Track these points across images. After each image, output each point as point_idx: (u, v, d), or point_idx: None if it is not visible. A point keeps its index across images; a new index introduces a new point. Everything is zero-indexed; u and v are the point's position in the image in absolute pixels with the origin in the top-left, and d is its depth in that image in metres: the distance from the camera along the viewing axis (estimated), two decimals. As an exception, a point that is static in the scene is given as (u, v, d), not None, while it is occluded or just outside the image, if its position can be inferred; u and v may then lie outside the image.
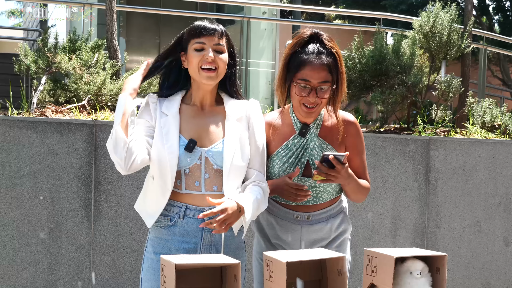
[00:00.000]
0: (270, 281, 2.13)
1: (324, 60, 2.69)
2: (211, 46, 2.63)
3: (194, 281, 2.23)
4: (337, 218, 2.93)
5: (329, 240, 2.92)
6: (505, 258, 5.26)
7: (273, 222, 2.91)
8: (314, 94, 2.69)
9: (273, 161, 2.83)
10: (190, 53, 2.64)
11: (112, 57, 5.57)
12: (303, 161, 2.80)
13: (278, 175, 2.81)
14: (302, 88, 2.70)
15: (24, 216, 4.15)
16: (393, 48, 5.57)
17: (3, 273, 4.13)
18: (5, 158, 4.12)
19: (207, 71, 2.62)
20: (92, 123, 4.28)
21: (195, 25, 2.66)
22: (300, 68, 2.69)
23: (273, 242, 2.92)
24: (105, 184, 4.27)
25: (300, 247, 2.87)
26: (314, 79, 2.68)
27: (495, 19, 18.80)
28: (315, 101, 2.70)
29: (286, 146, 2.82)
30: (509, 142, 5.28)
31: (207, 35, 2.62)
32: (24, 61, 5.29)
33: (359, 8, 15.23)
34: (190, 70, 2.67)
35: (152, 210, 2.67)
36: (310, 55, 2.70)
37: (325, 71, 2.68)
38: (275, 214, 2.90)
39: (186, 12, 9.12)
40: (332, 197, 2.90)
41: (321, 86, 2.69)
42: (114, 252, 4.30)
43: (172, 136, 2.61)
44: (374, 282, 2.17)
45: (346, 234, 2.97)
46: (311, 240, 2.90)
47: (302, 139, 2.81)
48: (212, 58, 2.61)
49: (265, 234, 2.95)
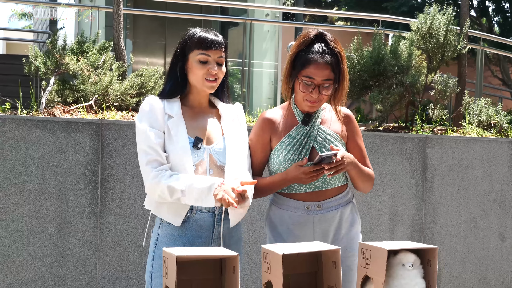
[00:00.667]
0: (268, 273, 2.18)
1: (328, 59, 2.83)
2: (215, 59, 2.75)
3: (194, 273, 2.28)
4: (347, 207, 2.99)
5: (342, 232, 2.96)
6: (501, 253, 5.35)
7: (285, 217, 2.96)
8: (317, 91, 2.83)
9: (278, 151, 2.93)
10: (194, 64, 2.75)
11: (118, 59, 5.65)
12: (307, 147, 2.90)
13: (284, 163, 2.89)
14: (306, 85, 2.84)
15: (32, 212, 4.22)
16: (391, 49, 5.67)
17: (13, 267, 4.20)
18: (15, 156, 4.19)
19: (210, 81, 2.76)
20: (98, 122, 4.36)
21: (202, 36, 2.75)
22: (305, 66, 2.84)
23: (285, 239, 2.94)
24: (111, 181, 4.37)
25: (314, 239, 2.91)
26: (318, 77, 2.82)
27: (495, 20, 18.78)
28: (317, 97, 2.85)
29: (289, 136, 2.93)
30: (504, 140, 5.37)
31: (214, 49, 2.74)
32: (33, 62, 5.36)
33: (361, 10, 15.28)
34: (192, 78, 2.78)
35: (179, 208, 2.72)
36: (315, 54, 2.84)
37: (328, 69, 2.83)
38: (285, 209, 2.96)
39: (191, 15, 9.25)
40: (340, 184, 2.96)
41: (324, 84, 2.83)
42: (120, 247, 4.38)
43: (182, 137, 2.72)
44: (368, 274, 2.20)
45: (356, 225, 3.02)
46: (323, 230, 2.93)
47: (305, 128, 2.93)
48: (216, 71, 2.75)
49: (278, 233, 2.99)
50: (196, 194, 2.61)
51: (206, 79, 2.75)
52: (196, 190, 2.60)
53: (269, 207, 3.07)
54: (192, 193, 2.61)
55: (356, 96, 5.77)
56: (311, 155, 2.91)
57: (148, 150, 2.68)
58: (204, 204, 2.62)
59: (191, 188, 2.60)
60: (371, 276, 2.19)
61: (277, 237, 2.98)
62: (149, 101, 2.78)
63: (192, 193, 2.61)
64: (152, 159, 2.68)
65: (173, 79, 2.82)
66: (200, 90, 2.81)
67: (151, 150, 2.68)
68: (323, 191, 2.94)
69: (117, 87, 5.25)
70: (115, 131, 4.37)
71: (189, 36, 2.79)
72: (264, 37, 11.11)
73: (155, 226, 2.82)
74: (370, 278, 2.20)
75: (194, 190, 2.60)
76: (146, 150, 2.69)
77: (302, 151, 2.90)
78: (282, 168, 2.92)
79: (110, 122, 4.41)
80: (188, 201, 2.63)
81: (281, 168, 2.92)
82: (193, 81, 2.80)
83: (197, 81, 2.78)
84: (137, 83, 5.39)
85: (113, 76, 5.27)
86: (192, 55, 2.76)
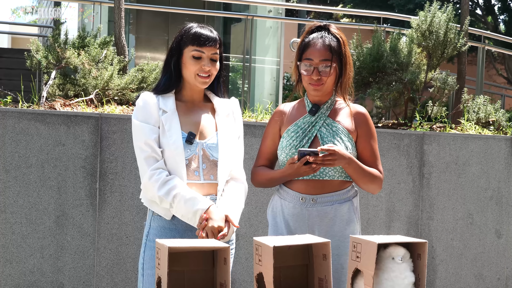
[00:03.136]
0: (259, 264, 2.20)
1: (327, 41, 2.92)
2: (208, 56, 2.79)
3: (187, 264, 2.32)
4: (344, 205, 2.96)
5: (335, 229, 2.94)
6: (497, 250, 5.37)
7: (282, 206, 2.98)
8: (316, 72, 2.90)
9: (284, 138, 2.98)
10: (188, 60, 2.79)
11: (119, 53, 5.69)
12: (310, 136, 2.94)
13: (286, 148, 2.94)
14: (307, 67, 2.92)
15: (32, 204, 4.26)
16: (391, 46, 5.70)
17: (12, 258, 4.24)
18: (15, 149, 4.23)
19: (202, 77, 2.80)
20: (98, 115, 4.39)
21: (197, 32, 2.79)
22: (305, 49, 2.94)
23: (282, 229, 2.97)
24: (110, 174, 4.40)
25: (307, 232, 2.91)
26: (316, 58, 2.90)
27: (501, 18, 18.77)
28: (318, 79, 2.90)
29: (296, 124, 2.98)
30: (501, 137, 5.38)
31: (208, 46, 2.78)
32: (35, 57, 5.40)
33: (367, 7, 15.27)
34: (185, 73, 2.83)
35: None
36: (314, 38, 2.94)
37: (326, 50, 2.90)
38: (284, 198, 2.99)
39: (194, 10, 9.27)
40: (341, 179, 2.94)
41: (323, 64, 2.89)
42: (118, 240, 4.41)
43: (175, 131, 2.76)
44: (358, 267, 2.22)
45: (353, 224, 2.98)
46: (316, 224, 2.92)
47: (311, 117, 2.97)
48: (209, 68, 2.79)
49: (276, 222, 3.02)
50: (181, 213, 2.70)
51: (199, 75, 2.79)
52: (183, 210, 2.68)
53: (273, 195, 3.11)
54: (179, 211, 2.69)
55: (356, 93, 5.79)
56: (312, 144, 2.93)
57: (143, 147, 2.74)
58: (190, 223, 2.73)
59: (178, 206, 2.67)
60: (361, 269, 2.21)
61: (275, 227, 3.02)
62: (143, 97, 2.82)
63: (179, 211, 2.69)
64: (148, 156, 2.73)
65: (168, 73, 2.86)
66: (193, 85, 2.84)
67: (147, 146, 2.73)
68: (320, 183, 2.93)
69: (117, 81, 5.29)
70: (114, 125, 4.41)
71: (185, 31, 2.83)
72: (266, 33, 11.14)
73: (147, 219, 2.86)
74: (360, 271, 2.23)
75: (181, 209, 2.68)
76: (142, 146, 2.74)
77: (304, 139, 2.93)
78: (283, 154, 2.96)
79: (109, 116, 4.44)
80: (175, 214, 2.73)
81: (283, 154, 2.96)
82: (186, 76, 2.84)
83: (190, 77, 2.82)
84: (138, 78, 5.43)
85: (113, 70, 5.30)
86: (187, 50, 2.80)
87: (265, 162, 3.09)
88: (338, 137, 2.92)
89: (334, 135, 2.92)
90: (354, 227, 2.99)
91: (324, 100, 3.01)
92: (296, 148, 2.92)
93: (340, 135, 2.93)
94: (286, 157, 2.95)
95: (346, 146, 2.91)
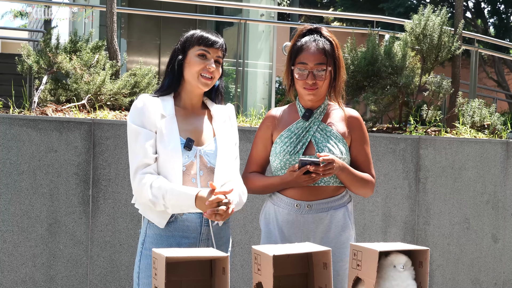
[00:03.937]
0: (258, 274, 2.17)
1: (320, 44, 2.89)
2: (213, 57, 2.77)
3: (184, 274, 2.28)
4: (339, 211, 2.95)
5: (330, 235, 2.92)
6: (494, 255, 5.35)
7: (276, 213, 2.96)
8: (311, 76, 2.87)
9: (276, 144, 2.96)
10: (193, 59, 2.76)
11: (112, 58, 5.64)
12: (304, 141, 2.91)
13: (280, 154, 2.91)
14: (301, 71, 2.88)
15: (23, 212, 4.21)
16: (385, 50, 5.68)
17: (3, 267, 4.18)
18: (6, 156, 4.18)
19: (205, 78, 2.76)
20: (90, 121, 4.35)
21: (204, 35, 2.78)
22: (298, 53, 2.90)
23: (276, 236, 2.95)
24: (103, 181, 4.35)
25: (302, 239, 2.89)
26: (311, 62, 2.87)
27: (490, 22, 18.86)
28: (313, 83, 2.87)
29: (289, 129, 2.96)
30: (497, 141, 5.37)
31: (215, 47, 2.77)
32: (26, 61, 5.34)
33: (357, 11, 15.33)
34: (188, 73, 2.78)
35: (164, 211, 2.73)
36: (307, 42, 2.91)
37: (320, 54, 2.87)
38: (277, 205, 2.97)
39: (186, 14, 9.23)
40: (335, 184, 2.93)
41: (318, 69, 2.86)
42: (111, 247, 4.36)
43: (173, 137, 2.71)
44: (359, 275, 2.20)
45: (348, 230, 2.97)
46: (311, 231, 2.91)
47: (305, 123, 2.95)
48: (213, 69, 2.76)
49: (270, 230, 2.99)
50: (180, 207, 2.66)
51: (202, 75, 2.75)
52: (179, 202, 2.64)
53: (265, 202, 3.09)
54: (175, 206, 2.65)
55: (350, 97, 5.77)
56: (307, 150, 2.91)
57: (138, 151, 2.69)
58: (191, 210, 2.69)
59: (171, 202, 2.64)
60: (362, 278, 2.19)
61: (268, 234, 2.99)
62: (142, 100, 2.76)
63: (175, 206, 2.65)
64: (140, 161, 2.69)
65: (171, 75, 2.83)
66: (194, 86, 2.79)
67: (141, 151, 2.68)
68: (315, 189, 2.91)
69: (110, 86, 5.24)
70: (107, 131, 4.36)
71: (191, 34, 2.82)
72: (259, 37, 11.13)
73: (143, 226, 2.82)
74: (361, 280, 2.20)
75: (176, 203, 2.64)
76: (136, 151, 2.70)
77: (298, 144, 2.91)
78: (277, 160, 2.93)
79: (102, 122, 4.40)
80: (173, 211, 2.69)
81: (276, 160, 2.94)
82: (188, 77, 2.79)
83: (192, 77, 2.77)
84: (130, 83, 5.38)
85: (106, 75, 5.25)
86: (192, 50, 2.78)
87: (256, 168, 3.08)
88: (333, 142, 2.91)
89: (329, 140, 2.91)
90: (349, 233, 2.98)
91: (317, 104, 2.99)
92: (291, 154, 2.90)
93: (334, 140, 2.92)
94: (280, 163, 2.92)
95: (341, 151, 2.91)
